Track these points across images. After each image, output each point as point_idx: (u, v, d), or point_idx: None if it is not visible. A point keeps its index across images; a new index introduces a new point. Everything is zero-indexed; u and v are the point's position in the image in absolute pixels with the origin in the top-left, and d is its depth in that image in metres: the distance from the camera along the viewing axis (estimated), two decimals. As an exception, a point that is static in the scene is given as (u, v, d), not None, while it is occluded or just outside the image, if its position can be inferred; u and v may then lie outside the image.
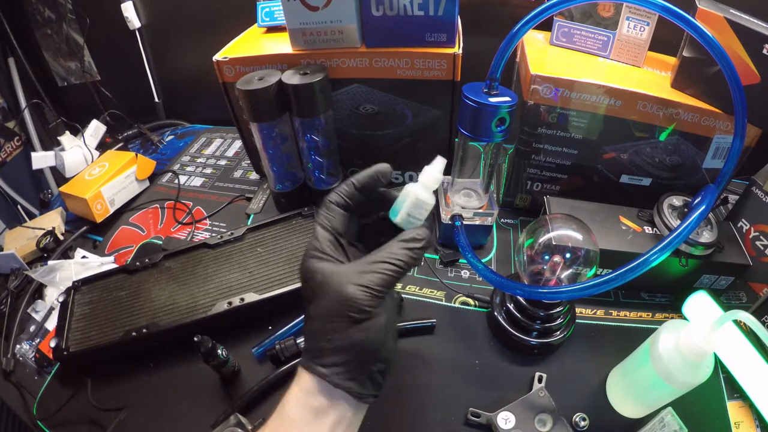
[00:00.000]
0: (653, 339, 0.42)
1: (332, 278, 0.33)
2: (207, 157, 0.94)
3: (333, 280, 0.33)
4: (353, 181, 0.37)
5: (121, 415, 0.51)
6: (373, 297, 0.32)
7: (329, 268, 0.34)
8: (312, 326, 0.34)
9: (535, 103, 0.59)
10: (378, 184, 0.38)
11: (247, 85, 0.60)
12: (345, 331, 0.32)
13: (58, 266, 0.68)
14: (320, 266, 0.34)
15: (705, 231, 0.53)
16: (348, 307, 0.32)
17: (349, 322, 0.32)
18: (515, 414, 0.47)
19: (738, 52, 0.51)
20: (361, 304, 0.32)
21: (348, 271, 0.33)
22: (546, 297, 0.49)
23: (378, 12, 0.59)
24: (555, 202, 0.61)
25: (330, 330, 0.33)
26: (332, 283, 0.33)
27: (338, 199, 0.37)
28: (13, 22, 1.02)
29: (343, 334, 0.32)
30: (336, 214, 0.37)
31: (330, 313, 0.33)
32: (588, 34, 0.64)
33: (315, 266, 0.34)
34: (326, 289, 0.33)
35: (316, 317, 0.34)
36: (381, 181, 0.38)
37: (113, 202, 0.79)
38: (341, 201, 0.37)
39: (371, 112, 0.69)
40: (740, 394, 0.50)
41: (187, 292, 0.59)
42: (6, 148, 1.04)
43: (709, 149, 0.59)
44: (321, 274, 0.34)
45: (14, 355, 0.60)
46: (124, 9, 0.96)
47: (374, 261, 0.34)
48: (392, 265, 0.33)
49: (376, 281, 0.32)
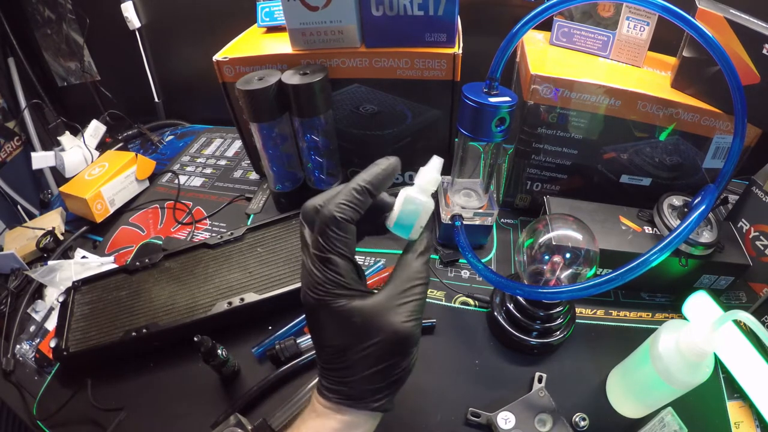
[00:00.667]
0: (653, 339, 0.42)
1: (376, 318, 0.30)
2: (207, 157, 0.94)
3: (379, 321, 0.30)
4: (367, 187, 0.31)
5: (121, 416, 0.51)
6: (418, 323, 0.32)
7: (366, 307, 0.31)
8: (359, 370, 0.31)
9: (535, 103, 0.59)
10: (390, 179, 0.34)
11: (247, 85, 0.60)
12: (400, 365, 0.32)
13: (58, 266, 0.68)
14: (356, 307, 0.30)
15: (705, 231, 0.53)
16: (406, 344, 0.31)
17: (403, 353, 0.31)
18: (515, 414, 0.47)
19: (738, 52, 0.51)
20: (417, 337, 0.31)
21: (387, 304, 0.31)
22: (546, 297, 0.49)
23: (378, 12, 0.59)
24: (555, 202, 0.61)
25: (386, 369, 0.31)
26: (378, 323, 0.30)
27: (353, 214, 0.31)
28: (12, 22, 1.02)
29: (399, 369, 0.32)
30: (351, 234, 0.31)
31: (384, 354, 0.31)
32: (588, 34, 0.64)
33: (350, 308, 0.30)
34: (372, 331, 0.30)
35: (365, 360, 0.31)
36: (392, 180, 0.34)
37: (113, 202, 0.79)
38: (356, 216, 0.31)
39: (371, 112, 0.69)
40: (740, 394, 0.50)
41: (187, 292, 0.59)
42: (6, 148, 1.04)
43: (709, 149, 0.59)
44: (360, 316, 0.30)
45: (14, 355, 0.60)
46: (123, 9, 0.96)
47: (405, 287, 0.32)
48: (422, 285, 0.32)
49: (417, 308, 0.32)
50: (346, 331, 0.31)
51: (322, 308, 0.31)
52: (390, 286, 0.32)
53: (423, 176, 0.34)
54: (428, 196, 0.34)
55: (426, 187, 0.34)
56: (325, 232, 0.30)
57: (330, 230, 0.30)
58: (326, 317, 0.31)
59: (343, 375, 0.32)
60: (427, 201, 0.34)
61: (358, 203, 0.31)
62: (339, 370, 0.32)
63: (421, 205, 0.34)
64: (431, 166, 0.35)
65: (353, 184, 0.32)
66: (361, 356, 0.31)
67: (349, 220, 0.31)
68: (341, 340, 0.31)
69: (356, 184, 0.32)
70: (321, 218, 0.31)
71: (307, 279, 0.31)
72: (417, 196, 0.34)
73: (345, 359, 0.31)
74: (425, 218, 0.34)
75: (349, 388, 0.32)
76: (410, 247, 0.34)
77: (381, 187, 0.33)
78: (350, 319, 0.30)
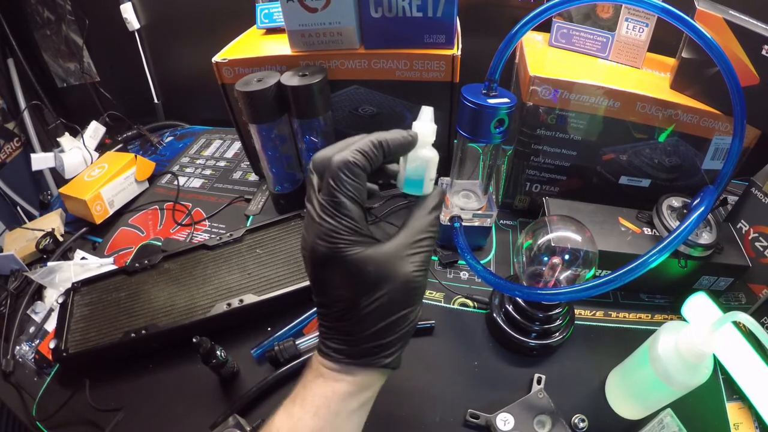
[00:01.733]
0: (652, 340, 0.42)
1: (388, 267, 0.30)
2: (206, 159, 0.94)
3: (391, 269, 0.30)
4: (383, 142, 0.31)
5: (120, 416, 0.51)
6: (426, 277, 0.32)
7: (380, 255, 0.30)
8: (369, 324, 0.31)
9: (534, 105, 0.59)
10: (405, 151, 0.33)
11: (247, 86, 0.60)
12: (408, 318, 0.32)
13: (57, 267, 0.68)
14: (370, 255, 0.30)
15: (704, 232, 0.53)
16: (414, 295, 0.31)
17: (415, 306, 0.32)
18: (514, 415, 0.47)
19: (737, 53, 0.51)
20: (423, 288, 0.32)
21: (399, 253, 0.31)
22: (545, 298, 0.48)
23: (377, 13, 0.59)
24: (554, 203, 0.61)
25: (396, 321, 0.31)
26: (391, 272, 0.30)
27: (365, 163, 0.30)
28: (12, 23, 1.02)
29: (409, 321, 0.32)
30: (362, 181, 0.31)
31: (393, 305, 0.31)
32: (587, 36, 0.64)
33: (365, 256, 0.30)
34: (384, 280, 0.30)
35: (376, 312, 0.30)
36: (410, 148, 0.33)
37: (112, 204, 0.79)
38: (368, 166, 0.31)
39: (370, 113, 0.69)
40: (739, 396, 0.50)
41: (186, 294, 0.59)
42: (5, 149, 1.04)
43: (708, 150, 0.59)
44: (373, 265, 0.30)
45: (14, 356, 0.60)
46: (123, 10, 0.96)
47: (416, 238, 0.32)
48: (432, 239, 0.33)
49: (425, 260, 0.32)
50: (360, 280, 0.30)
51: (335, 258, 0.30)
52: (401, 236, 0.32)
53: (418, 130, 0.34)
54: (429, 148, 0.34)
55: (424, 141, 0.34)
56: (339, 176, 0.29)
57: (343, 173, 0.29)
58: (338, 268, 0.30)
59: (352, 332, 0.31)
60: (429, 153, 0.34)
61: (372, 155, 0.31)
62: (348, 327, 0.31)
63: (425, 160, 0.33)
64: (424, 117, 0.34)
65: (371, 137, 0.32)
66: (372, 308, 0.30)
67: (362, 167, 0.30)
68: (353, 292, 0.30)
69: (374, 137, 0.31)
70: (335, 163, 0.30)
71: (317, 229, 0.30)
72: (418, 152, 0.33)
73: (354, 314, 0.31)
74: (433, 171, 0.34)
75: (358, 346, 0.32)
76: (422, 200, 0.34)
77: (395, 150, 0.32)
78: (365, 267, 0.30)
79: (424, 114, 0.34)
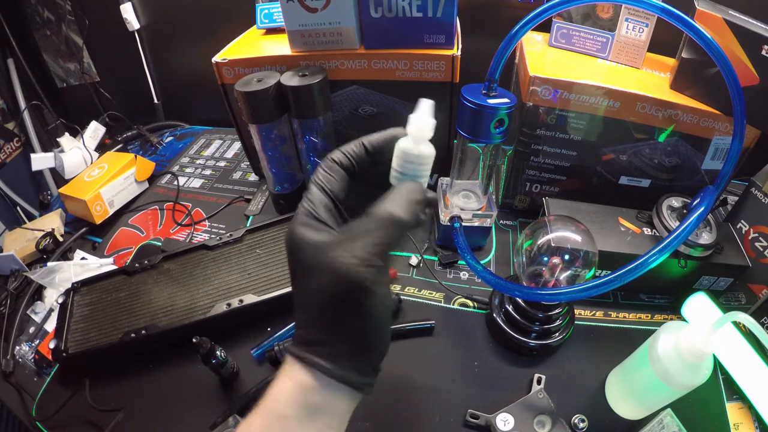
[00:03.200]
0: (652, 340, 0.42)
1: (324, 253, 0.27)
2: (206, 159, 0.94)
3: (326, 255, 0.27)
4: (364, 142, 0.32)
5: (119, 416, 0.51)
6: (375, 270, 0.27)
7: (321, 241, 0.28)
8: (305, 310, 0.29)
9: (534, 105, 0.59)
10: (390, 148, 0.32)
11: (246, 86, 0.60)
12: (345, 315, 0.28)
13: (57, 267, 0.68)
14: (311, 238, 0.28)
15: (704, 232, 0.53)
16: (350, 287, 0.27)
17: (351, 304, 0.27)
18: (514, 415, 0.47)
19: (737, 53, 0.51)
20: (364, 281, 0.27)
21: (341, 241, 0.28)
22: (545, 298, 0.48)
23: (377, 13, 0.59)
24: (554, 203, 0.61)
25: (328, 315, 0.28)
26: (326, 259, 0.27)
27: (342, 158, 0.31)
28: (12, 24, 1.02)
29: (343, 319, 0.28)
30: (338, 176, 0.31)
31: (327, 295, 0.27)
32: (587, 36, 0.64)
33: (305, 237, 0.28)
34: (319, 267, 0.27)
35: (310, 300, 0.29)
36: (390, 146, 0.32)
37: (112, 204, 0.79)
38: (346, 162, 0.31)
39: (370, 113, 0.69)
40: (739, 396, 0.50)
41: (186, 294, 0.59)
42: (5, 149, 1.04)
43: (708, 150, 0.59)
44: (312, 248, 0.28)
45: (14, 356, 0.60)
46: (123, 10, 0.96)
47: (368, 227, 0.28)
48: (397, 229, 0.28)
49: (375, 250, 0.27)
50: (299, 261, 0.29)
51: (288, 239, 0.29)
52: (352, 224, 0.29)
53: (414, 124, 0.31)
54: (425, 143, 0.31)
55: (418, 136, 0.31)
56: (316, 169, 0.32)
57: (320, 167, 0.32)
58: (288, 243, 0.29)
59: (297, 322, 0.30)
60: (425, 150, 0.31)
61: (353, 153, 0.32)
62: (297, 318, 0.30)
63: (419, 162, 0.31)
64: (421, 110, 0.31)
65: (360, 138, 0.33)
66: (308, 296, 0.28)
67: (338, 162, 0.31)
68: (294, 269, 0.29)
69: (362, 138, 0.33)
70: None
71: None
72: (411, 151, 0.31)
73: (299, 300, 0.30)
74: (426, 168, 0.31)
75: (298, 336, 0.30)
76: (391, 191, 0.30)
77: (378, 147, 0.32)
78: (303, 249, 0.28)
79: (422, 107, 0.31)
